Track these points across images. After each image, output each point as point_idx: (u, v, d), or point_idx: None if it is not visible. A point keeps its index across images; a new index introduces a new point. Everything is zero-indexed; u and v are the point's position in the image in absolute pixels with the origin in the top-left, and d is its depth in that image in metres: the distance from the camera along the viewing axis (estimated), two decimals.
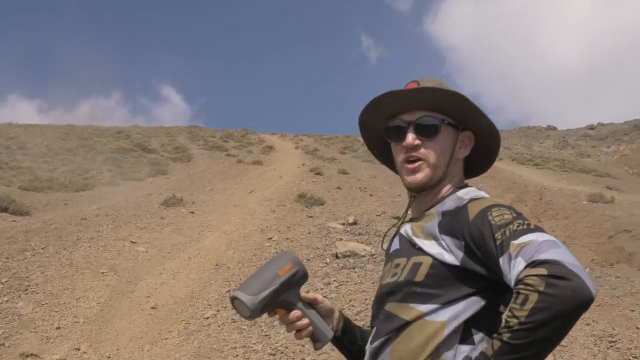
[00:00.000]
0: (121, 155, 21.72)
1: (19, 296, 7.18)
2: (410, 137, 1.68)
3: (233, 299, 1.64)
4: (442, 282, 1.53)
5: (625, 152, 37.12)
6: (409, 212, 1.80)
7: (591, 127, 48.37)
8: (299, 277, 1.69)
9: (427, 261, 1.57)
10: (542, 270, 1.26)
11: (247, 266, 8.16)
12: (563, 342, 6.12)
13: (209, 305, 6.97)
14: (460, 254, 1.50)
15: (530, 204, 14.97)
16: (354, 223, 10.94)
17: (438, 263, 1.54)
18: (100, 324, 6.80)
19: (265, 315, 4.90)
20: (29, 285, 7.50)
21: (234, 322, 6.37)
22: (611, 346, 6.24)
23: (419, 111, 1.69)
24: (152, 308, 7.18)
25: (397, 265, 1.66)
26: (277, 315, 1.73)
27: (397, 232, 1.78)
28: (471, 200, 1.58)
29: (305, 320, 1.71)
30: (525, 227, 1.39)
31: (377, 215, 12.14)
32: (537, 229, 1.38)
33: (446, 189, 1.71)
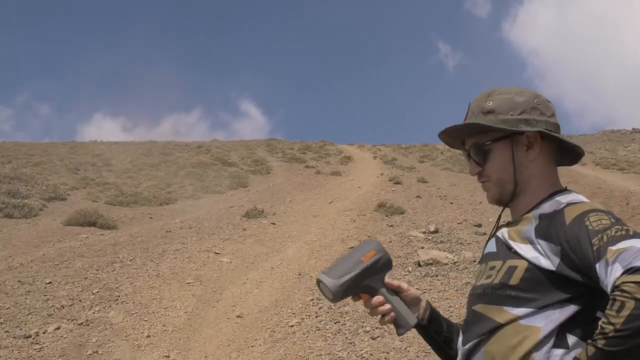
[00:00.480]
0: (202, 169, 22.19)
1: (110, 306, 7.40)
2: (471, 168, 1.75)
3: (319, 282, 1.70)
4: (537, 286, 1.51)
5: None
6: (509, 214, 1.78)
7: None
8: (382, 264, 1.71)
9: (522, 265, 1.55)
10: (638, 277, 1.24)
11: None
12: None
13: (293, 313, 7.01)
14: (557, 260, 1.48)
15: (616, 210, 14.47)
16: (435, 231, 10.82)
17: (533, 267, 1.53)
18: (188, 332, 6.93)
19: (350, 324, 4.94)
20: (119, 296, 7.73)
21: (319, 330, 6.39)
22: None
23: (470, 138, 1.75)
24: (238, 317, 7.27)
25: (492, 268, 1.66)
26: (361, 300, 1.75)
27: (494, 235, 1.76)
28: (568, 204, 1.55)
29: (387, 306, 1.72)
30: (624, 232, 1.36)
31: (458, 224, 11.98)
32: (637, 235, 1.34)
33: (531, 194, 1.68)
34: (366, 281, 1.70)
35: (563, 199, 1.60)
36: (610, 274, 1.30)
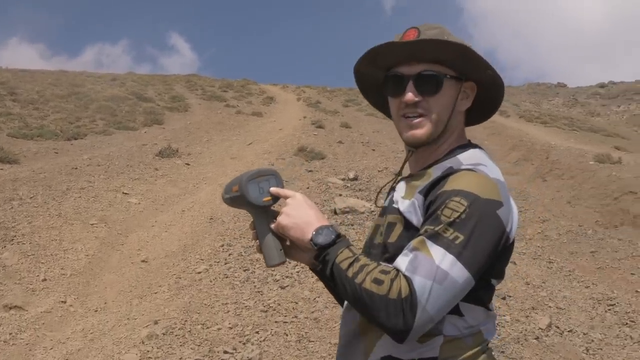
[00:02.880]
0: (115, 104, 21.24)
1: (4, 247, 6.98)
2: (410, 94, 1.60)
3: None
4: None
5: (636, 111, 36.93)
6: (408, 167, 1.75)
7: (602, 85, 47.80)
8: (246, 202, 1.64)
9: (401, 222, 1.55)
10: (406, 290, 1.32)
11: (242, 220, 7.91)
12: (561, 305, 6.16)
13: (202, 259, 6.75)
14: (422, 219, 1.49)
15: (536, 163, 14.79)
16: (355, 179, 10.67)
17: (408, 224, 1.52)
18: (88, 276, 6.61)
19: (260, 272, 4.73)
20: (15, 236, 7.29)
21: (227, 277, 6.15)
22: (609, 309, 6.22)
23: (419, 64, 1.60)
24: (143, 261, 6.98)
25: (384, 224, 1.64)
26: None
27: (393, 188, 1.73)
28: (461, 170, 1.50)
29: (254, 235, 1.68)
30: (449, 239, 1.37)
31: (378, 171, 11.89)
32: (455, 249, 1.36)
33: (446, 144, 1.65)
34: (243, 207, 1.68)
35: (465, 160, 1.55)
36: (403, 258, 1.39)
